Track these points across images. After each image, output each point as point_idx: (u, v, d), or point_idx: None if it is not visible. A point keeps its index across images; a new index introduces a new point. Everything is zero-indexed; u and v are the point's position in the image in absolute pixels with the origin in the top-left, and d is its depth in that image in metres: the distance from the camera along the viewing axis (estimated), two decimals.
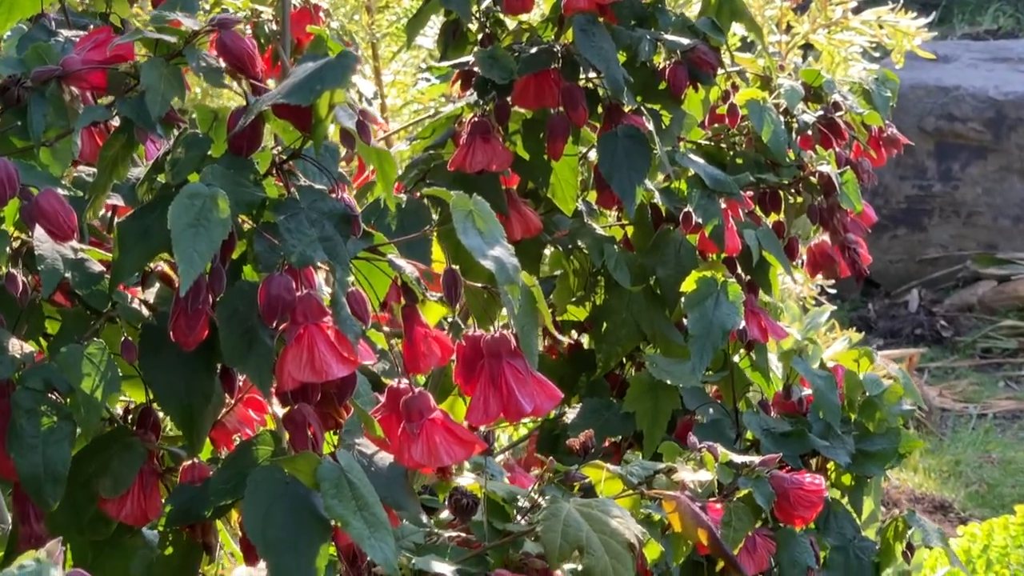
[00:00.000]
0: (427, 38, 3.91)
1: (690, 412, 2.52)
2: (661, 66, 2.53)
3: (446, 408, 2.06)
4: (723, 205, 2.47)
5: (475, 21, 2.55)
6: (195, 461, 1.69)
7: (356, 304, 1.55)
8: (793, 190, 2.67)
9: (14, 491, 1.62)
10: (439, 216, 2.39)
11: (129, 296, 1.64)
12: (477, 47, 2.52)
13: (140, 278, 1.66)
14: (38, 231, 1.55)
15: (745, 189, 2.56)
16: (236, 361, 1.55)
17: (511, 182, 2.52)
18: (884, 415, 2.53)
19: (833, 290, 4.75)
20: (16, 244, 1.62)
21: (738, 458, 1.97)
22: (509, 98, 2.44)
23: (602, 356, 2.58)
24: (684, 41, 2.51)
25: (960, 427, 5.79)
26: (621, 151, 2.38)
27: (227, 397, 1.66)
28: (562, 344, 2.71)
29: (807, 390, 2.54)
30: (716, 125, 2.72)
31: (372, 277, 1.65)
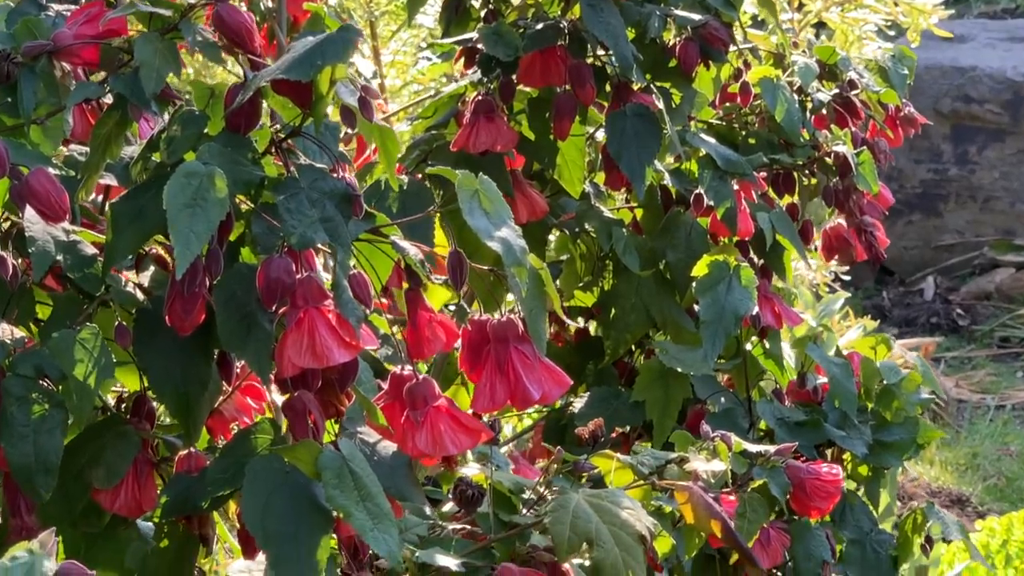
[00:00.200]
0: (428, 16, 3.90)
1: (701, 401, 2.52)
2: (671, 43, 2.52)
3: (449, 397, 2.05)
4: (735, 187, 2.47)
5: None
6: (191, 450, 1.68)
7: (358, 287, 1.54)
8: (807, 171, 2.66)
9: (4, 482, 1.61)
10: (441, 198, 2.38)
11: (123, 279, 1.63)
12: (481, 23, 2.51)
13: (134, 261, 1.66)
14: (29, 212, 1.54)
15: (758, 170, 2.55)
16: (234, 346, 1.54)
17: (516, 163, 2.51)
18: (902, 404, 2.52)
19: (847, 276, 4.75)
20: (6, 226, 1.62)
21: (752, 447, 1.96)
22: (514, 76, 2.43)
23: (610, 343, 2.57)
24: (695, 17, 2.50)
25: (977, 419, 5.78)
26: (630, 130, 2.38)
27: (224, 384, 1.66)
28: (569, 331, 2.71)
29: (822, 378, 2.54)
30: (728, 104, 2.71)
31: (374, 259, 1.65)
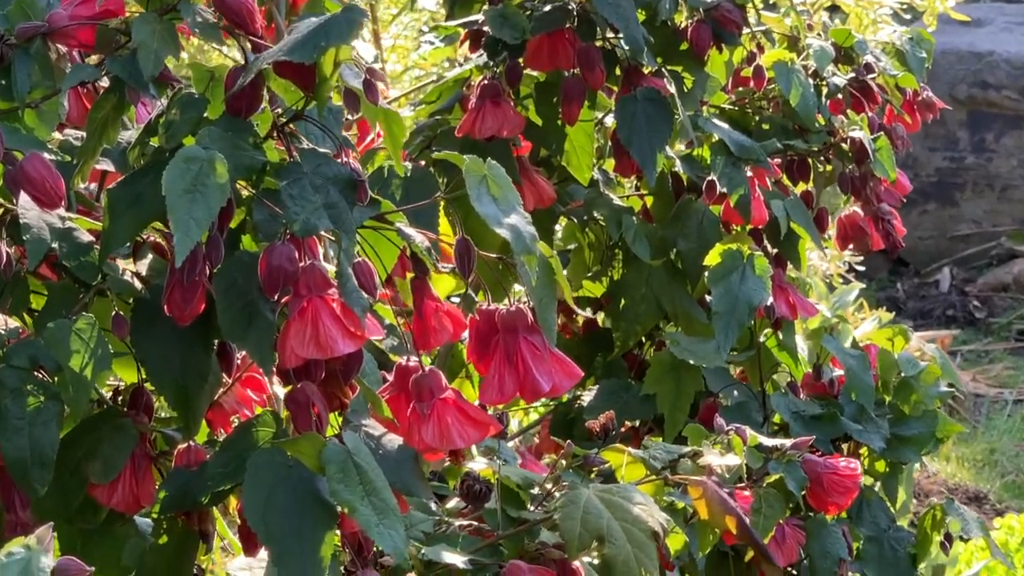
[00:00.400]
0: None
1: (714, 394, 2.52)
2: (683, 25, 2.52)
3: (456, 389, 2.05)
4: (749, 173, 2.47)
5: None
6: (191, 444, 1.68)
7: (363, 276, 1.54)
8: (823, 157, 2.66)
9: None
10: (447, 185, 2.38)
11: (120, 268, 1.63)
12: (486, 5, 2.50)
13: (132, 249, 1.65)
14: (23, 198, 1.54)
15: (772, 156, 2.55)
16: (235, 337, 1.54)
17: (523, 150, 2.51)
18: (920, 397, 2.52)
19: (861, 267, 4.74)
20: None
21: (768, 441, 1.96)
22: (521, 59, 2.42)
23: (620, 335, 2.57)
24: None
25: (995, 414, 5.78)
26: (641, 115, 2.37)
27: (224, 376, 1.66)
28: (577, 322, 2.71)
29: (838, 371, 2.54)
30: (740, 89, 2.71)
31: (379, 247, 1.65)
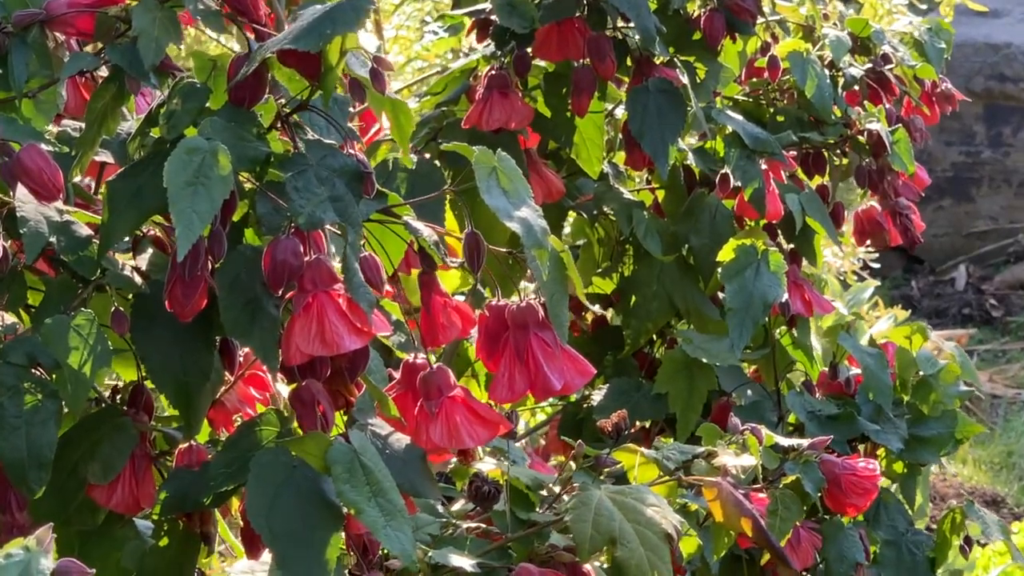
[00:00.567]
0: None
1: (727, 394, 2.52)
2: (696, 14, 2.52)
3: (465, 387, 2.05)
4: (764, 166, 2.46)
5: None
6: (192, 444, 1.68)
7: (370, 270, 1.54)
8: (839, 150, 2.66)
9: None
10: (453, 179, 2.38)
11: (120, 262, 1.63)
12: None
13: (131, 243, 1.65)
14: (20, 191, 1.54)
15: (787, 149, 2.55)
16: (238, 333, 1.54)
17: (531, 142, 2.50)
18: (939, 397, 2.52)
19: (876, 264, 4.74)
20: None
21: (784, 441, 1.96)
22: (529, 49, 2.42)
23: (630, 333, 2.57)
24: None
25: (1012, 415, 5.78)
26: (653, 107, 2.37)
27: (227, 373, 1.65)
28: (586, 320, 2.71)
29: (855, 369, 2.53)
30: (754, 80, 2.70)
31: (385, 241, 1.64)
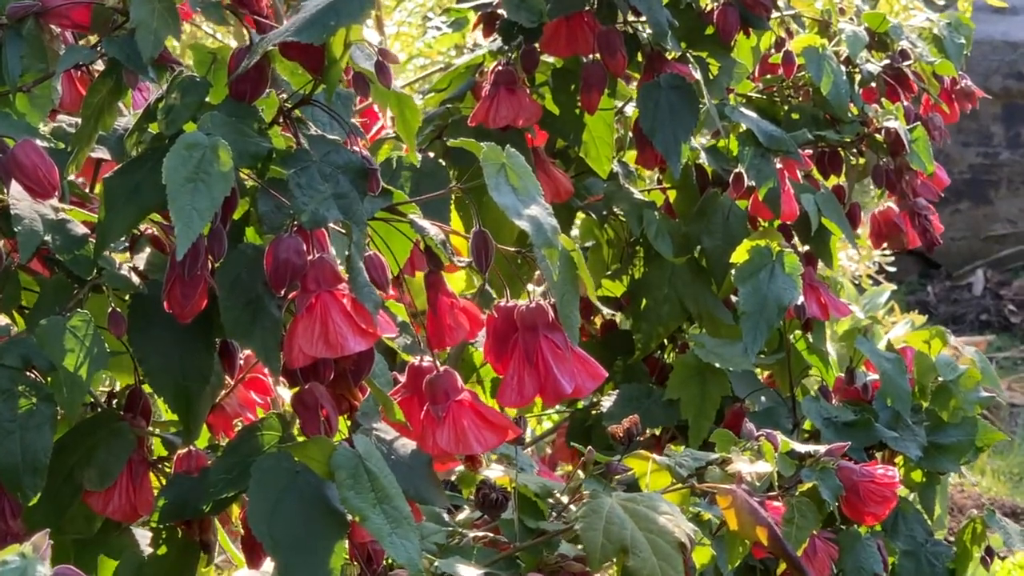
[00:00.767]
0: None
1: (740, 400, 2.51)
2: (708, 8, 2.52)
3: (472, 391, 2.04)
4: (778, 165, 2.46)
5: None
6: (191, 449, 1.68)
7: (375, 270, 1.54)
8: (855, 149, 2.65)
9: None
10: (459, 177, 2.37)
11: (117, 262, 1.62)
12: None
13: (129, 242, 1.65)
14: (14, 188, 1.53)
15: (802, 148, 2.54)
16: (239, 335, 1.53)
17: (538, 140, 2.50)
18: (959, 403, 2.51)
19: (892, 268, 4.74)
20: None
21: (801, 447, 1.95)
22: (537, 44, 2.42)
23: (641, 337, 2.57)
24: None
25: None
26: (665, 104, 2.37)
27: (227, 377, 1.65)
28: (594, 324, 2.70)
29: (872, 375, 2.53)
30: (768, 76, 2.70)
31: (390, 241, 1.64)
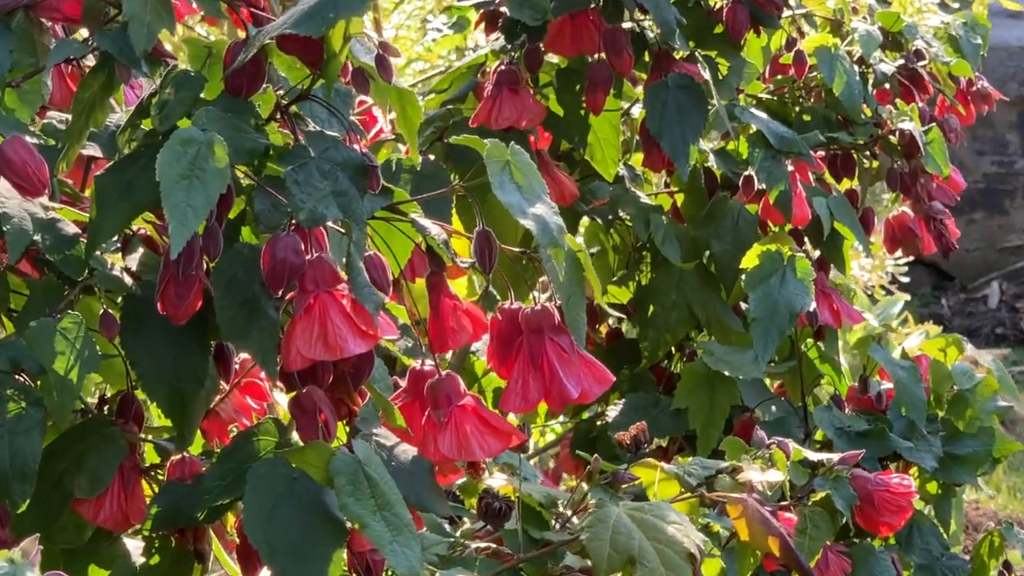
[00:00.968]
0: None
1: (750, 410, 2.51)
2: (718, 6, 2.52)
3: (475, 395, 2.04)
4: (790, 168, 2.46)
5: None
6: (185, 455, 1.68)
7: (375, 270, 1.53)
8: (869, 151, 2.65)
9: None
10: (461, 176, 2.37)
11: (108, 262, 1.62)
12: None
13: (121, 241, 1.64)
14: (3, 185, 1.54)
15: (814, 150, 2.54)
16: (234, 336, 1.53)
17: (542, 142, 2.50)
18: (976, 413, 2.51)
19: (905, 278, 4.74)
20: None
21: (813, 455, 1.95)
22: (541, 43, 2.42)
23: (648, 344, 2.56)
24: None
25: None
26: (672, 104, 2.37)
27: (222, 381, 1.65)
28: (600, 331, 2.70)
29: (886, 384, 2.52)
30: (779, 76, 2.70)
31: (391, 241, 1.64)
